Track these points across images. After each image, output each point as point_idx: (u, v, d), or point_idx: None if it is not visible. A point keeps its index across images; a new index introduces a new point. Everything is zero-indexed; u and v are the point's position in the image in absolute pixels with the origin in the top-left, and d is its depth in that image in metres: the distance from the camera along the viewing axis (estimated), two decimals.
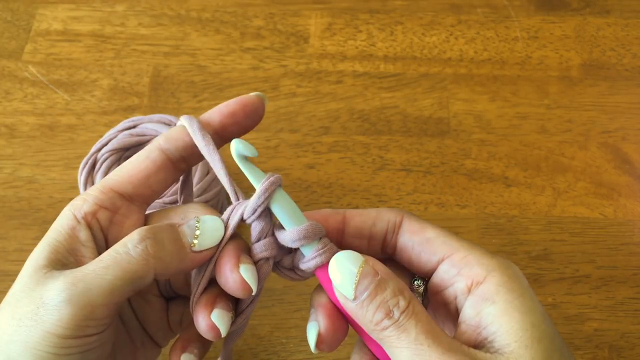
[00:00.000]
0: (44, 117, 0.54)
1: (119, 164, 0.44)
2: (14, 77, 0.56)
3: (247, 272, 0.26)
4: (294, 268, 0.28)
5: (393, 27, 0.58)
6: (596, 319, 0.45)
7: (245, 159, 0.27)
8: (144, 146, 0.44)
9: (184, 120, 0.28)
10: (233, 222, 0.27)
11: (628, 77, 0.56)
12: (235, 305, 0.28)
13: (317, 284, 0.28)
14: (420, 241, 0.28)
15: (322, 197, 0.50)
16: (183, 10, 0.59)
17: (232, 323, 0.27)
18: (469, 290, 0.26)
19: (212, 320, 0.26)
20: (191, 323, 0.30)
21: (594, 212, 0.49)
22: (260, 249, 0.27)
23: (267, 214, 0.27)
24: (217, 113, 0.29)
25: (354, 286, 0.25)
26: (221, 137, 0.29)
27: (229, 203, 0.48)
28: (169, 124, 0.44)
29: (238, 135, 0.29)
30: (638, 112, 0.54)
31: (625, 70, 0.56)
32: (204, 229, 0.27)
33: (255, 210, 0.27)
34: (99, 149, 0.44)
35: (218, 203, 0.46)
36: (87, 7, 0.60)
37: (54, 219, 0.27)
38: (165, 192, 0.41)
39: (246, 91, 0.55)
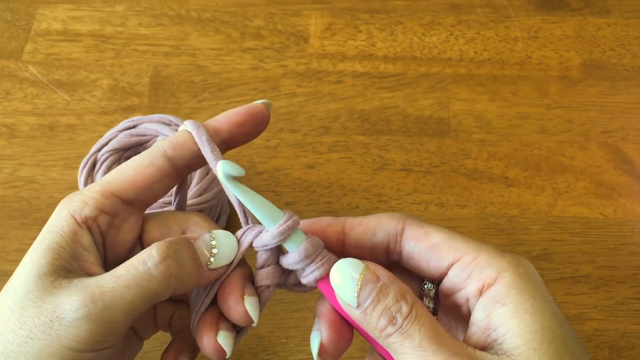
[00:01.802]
0: (44, 117, 0.54)
1: (119, 164, 0.44)
2: (14, 77, 0.56)
3: (251, 306, 0.26)
4: (299, 283, 0.28)
5: (393, 27, 0.58)
6: (596, 319, 0.45)
7: (234, 179, 0.26)
8: (144, 146, 0.44)
9: (191, 128, 0.27)
10: (243, 248, 0.27)
11: (628, 77, 0.56)
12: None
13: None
14: (427, 248, 0.27)
15: (322, 197, 0.50)
16: (183, 10, 0.59)
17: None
18: (480, 293, 0.26)
19: (218, 342, 0.26)
20: (183, 330, 0.30)
21: (594, 212, 0.49)
22: (264, 276, 0.27)
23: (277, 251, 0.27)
24: (226, 122, 0.28)
25: (356, 294, 0.25)
26: (227, 145, 0.28)
27: (230, 205, 0.48)
28: (168, 124, 0.44)
29: (243, 143, 0.29)
30: (638, 112, 0.54)
31: (625, 70, 0.56)
32: (220, 246, 0.27)
33: (266, 245, 0.26)
34: (99, 149, 0.44)
35: (218, 203, 0.46)
36: (87, 7, 0.60)
37: None
38: None
39: (246, 91, 0.55)
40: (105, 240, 0.27)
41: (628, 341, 0.44)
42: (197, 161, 0.28)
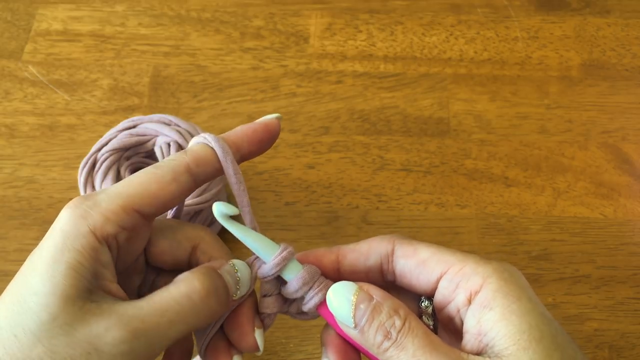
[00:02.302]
0: (44, 117, 0.54)
1: (119, 164, 0.44)
2: (14, 77, 0.56)
3: (260, 337, 0.28)
4: (299, 312, 0.29)
5: (393, 27, 0.58)
6: (596, 319, 0.45)
7: (229, 218, 0.27)
8: (144, 146, 0.44)
9: (215, 145, 0.27)
10: (254, 277, 0.28)
11: (628, 77, 0.56)
12: None
13: None
14: (416, 264, 0.28)
15: (322, 197, 0.50)
16: (183, 10, 0.59)
17: None
18: (469, 302, 0.26)
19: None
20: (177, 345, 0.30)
21: (594, 212, 0.49)
22: (267, 304, 0.29)
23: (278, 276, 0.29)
24: (245, 139, 0.28)
25: (352, 314, 0.26)
26: (243, 159, 0.29)
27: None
28: (168, 124, 0.44)
29: (255, 157, 0.30)
30: (638, 112, 0.54)
31: (625, 70, 0.56)
32: (242, 277, 0.27)
33: (267, 276, 0.28)
34: (99, 149, 0.44)
35: None
36: (87, 7, 0.60)
37: (54, 219, 0.25)
38: None
39: (246, 91, 0.55)
40: (119, 255, 0.26)
41: (628, 341, 0.44)
42: (216, 175, 0.28)
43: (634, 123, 0.53)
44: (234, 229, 0.27)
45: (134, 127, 0.44)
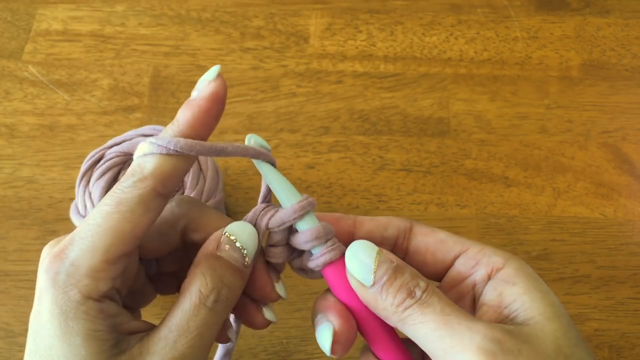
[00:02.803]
0: (44, 117, 0.54)
1: (122, 167, 0.43)
2: (14, 77, 0.56)
3: (281, 289, 0.29)
4: (303, 268, 0.29)
5: (393, 27, 0.58)
6: (596, 319, 0.45)
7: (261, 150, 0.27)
8: None
9: (181, 149, 0.25)
10: (262, 231, 0.28)
11: (628, 77, 0.56)
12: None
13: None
14: (434, 242, 0.29)
15: (322, 197, 0.50)
16: (183, 10, 0.59)
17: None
18: (489, 277, 0.27)
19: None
20: None
21: (594, 212, 0.49)
22: (274, 254, 0.28)
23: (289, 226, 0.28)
24: (199, 123, 0.25)
25: (372, 272, 0.26)
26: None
27: (227, 207, 0.48)
28: None
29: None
30: (638, 112, 0.54)
31: (625, 70, 0.56)
32: (243, 241, 0.27)
33: (284, 223, 0.27)
34: (111, 146, 0.43)
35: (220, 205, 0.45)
36: (87, 7, 0.60)
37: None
38: None
39: (246, 91, 0.55)
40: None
41: (628, 341, 0.44)
42: (180, 182, 0.28)
43: (634, 123, 0.53)
44: (262, 166, 0.27)
45: (150, 135, 0.43)
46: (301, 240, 0.27)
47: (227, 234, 0.27)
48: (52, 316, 0.23)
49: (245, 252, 0.26)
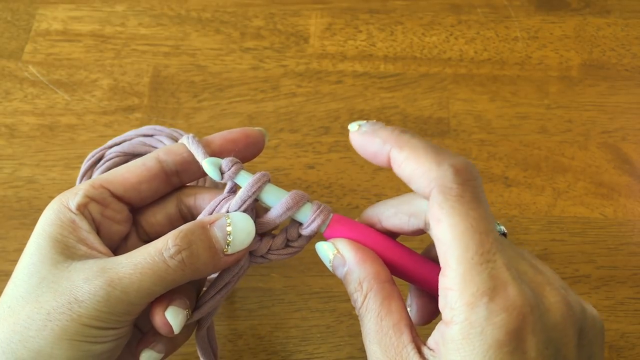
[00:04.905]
0: (44, 117, 0.54)
1: None
2: (14, 77, 0.56)
3: (172, 316, 0.28)
4: (287, 244, 0.30)
5: (393, 27, 0.58)
6: None
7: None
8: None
9: (184, 138, 0.30)
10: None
11: (628, 77, 0.56)
12: (195, 300, 0.30)
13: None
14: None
15: (322, 197, 0.50)
16: (183, 10, 0.59)
17: (189, 318, 0.28)
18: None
19: (165, 317, 0.27)
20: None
21: (594, 212, 0.49)
22: (280, 254, 0.30)
23: (252, 212, 0.29)
24: (218, 137, 0.30)
25: (332, 270, 0.28)
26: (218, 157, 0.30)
27: None
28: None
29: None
30: (638, 112, 0.54)
31: (625, 70, 0.56)
32: (236, 232, 0.27)
33: (243, 203, 0.28)
34: (111, 146, 0.43)
35: None
36: (87, 7, 0.60)
37: None
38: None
39: (246, 91, 0.55)
40: (100, 230, 0.28)
41: (628, 341, 0.44)
42: (187, 168, 0.29)
43: (634, 123, 0.53)
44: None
45: (150, 136, 0.44)
46: (274, 214, 0.28)
47: (227, 218, 0.28)
48: (40, 223, 0.28)
49: (229, 239, 0.27)
